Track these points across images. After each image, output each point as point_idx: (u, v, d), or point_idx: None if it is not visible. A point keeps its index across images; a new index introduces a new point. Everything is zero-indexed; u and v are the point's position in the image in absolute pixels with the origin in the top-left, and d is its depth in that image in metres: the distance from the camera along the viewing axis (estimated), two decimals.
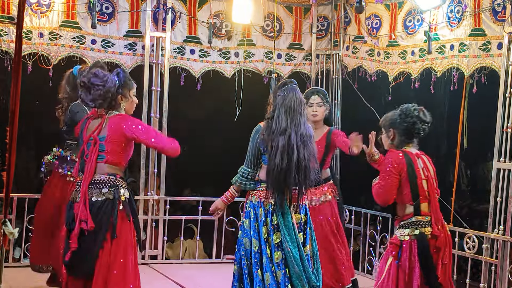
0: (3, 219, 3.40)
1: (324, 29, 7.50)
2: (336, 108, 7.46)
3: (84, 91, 3.85)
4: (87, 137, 3.87)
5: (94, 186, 3.81)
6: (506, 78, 5.45)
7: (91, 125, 3.92)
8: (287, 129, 4.09)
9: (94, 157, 3.81)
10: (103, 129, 3.85)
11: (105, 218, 3.76)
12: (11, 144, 2.98)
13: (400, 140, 4.03)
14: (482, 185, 8.39)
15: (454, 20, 5.92)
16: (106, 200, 3.79)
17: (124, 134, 3.84)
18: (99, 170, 3.84)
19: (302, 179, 4.13)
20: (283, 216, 4.14)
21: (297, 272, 4.09)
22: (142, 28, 6.67)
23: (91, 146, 3.82)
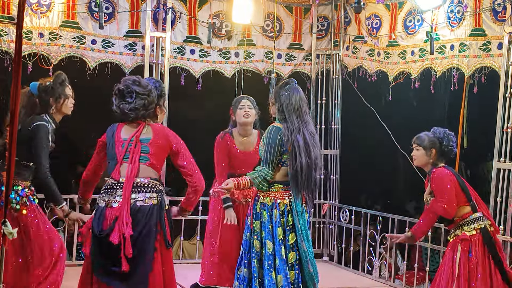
0: (3, 219, 3.40)
1: (324, 29, 7.50)
2: (336, 108, 7.46)
3: (121, 99, 3.59)
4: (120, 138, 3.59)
5: (138, 190, 3.51)
6: (506, 78, 5.45)
7: (126, 129, 3.65)
8: (300, 128, 4.13)
9: (137, 158, 3.53)
10: (146, 132, 3.61)
11: (152, 225, 3.46)
12: (11, 144, 2.98)
13: (439, 159, 4.58)
14: (482, 185, 8.39)
15: (454, 20, 5.92)
16: (153, 206, 3.51)
17: (170, 143, 3.63)
18: (141, 173, 3.54)
19: (317, 178, 4.20)
20: (301, 217, 4.16)
21: (311, 272, 4.12)
22: (142, 28, 6.67)
23: (132, 147, 3.54)
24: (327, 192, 7.50)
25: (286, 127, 4.17)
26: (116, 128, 3.67)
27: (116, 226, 3.39)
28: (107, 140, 3.68)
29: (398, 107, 7.27)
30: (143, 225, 3.44)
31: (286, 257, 4.11)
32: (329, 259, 7.41)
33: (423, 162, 4.58)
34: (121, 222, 3.38)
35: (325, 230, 7.51)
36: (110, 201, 3.52)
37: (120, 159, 3.56)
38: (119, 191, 3.50)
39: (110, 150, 3.63)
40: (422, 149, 4.55)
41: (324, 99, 7.45)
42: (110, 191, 3.54)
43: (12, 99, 2.86)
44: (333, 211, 7.41)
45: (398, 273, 6.94)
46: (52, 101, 4.29)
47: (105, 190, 3.59)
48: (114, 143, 3.61)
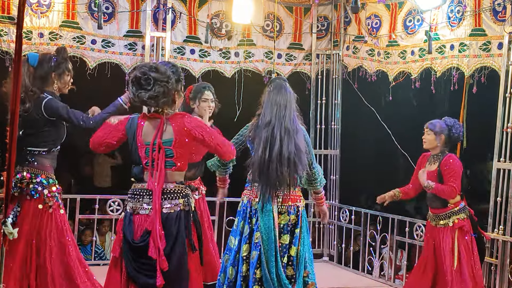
0: (3, 219, 3.40)
1: (324, 29, 7.50)
2: (336, 108, 7.46)
3: (138, 87, 3.40)
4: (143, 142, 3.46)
5: (165, 197, 3.41)
6: (506, 78, 5.45)
7: (146, 129, 3.48)
8: (271, 122, 4.08)
9: (163, 165, 3.40)
10: (166, 131, 3.45)
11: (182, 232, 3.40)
12: (11, 144, 2.98)
13: (446, 145, 5.08)
14: (482, 185, 8.39)
15: (454, 20, 5.92)
16: (181, 212, 3.44)
17: (192, 136, 3.46)
18: (167, 179, 3.44)
19: (285, 172, 4.04)
20: (263, 214, 4.08)
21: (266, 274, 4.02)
22: (142, 28, 6.67)
23: (156, 153, 3.39)
24: (327, 192, 7.50)
25: (255, 123, 4.17)
26: (136, 127, 3.50)
27: (151, 240, 3.32)
28: (129, 140, 3.53)
29: (398, 107, 7.27)
30: (174, 233, 3.38)
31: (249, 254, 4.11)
32: (329, 259, 7.41)
33: (433, 145, 5.05)
34: (155, 236, 3.31)
35: (325, 230, 7.51)
36: (137, 208, 3.43)
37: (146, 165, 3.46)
38: (146, 198, 3.42)
39: (133, 153, 3.52)
40: (433, 133, 5.03)
41: (324, 99, 7.45)
42: (137, 198, 3.45)
43: (12, 99, 2.86)
44: (333, 211, 7.41)
45: (398, 273, 6.94)
46: (55, 76, 4.09)
47: (132, 195, 3.50)
48: (137, 147, 3.48)
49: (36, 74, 4.02)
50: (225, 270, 4.20)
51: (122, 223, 3.52)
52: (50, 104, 3.97)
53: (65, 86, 4.18)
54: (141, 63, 3.64)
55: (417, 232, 6.17)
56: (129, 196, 3.52)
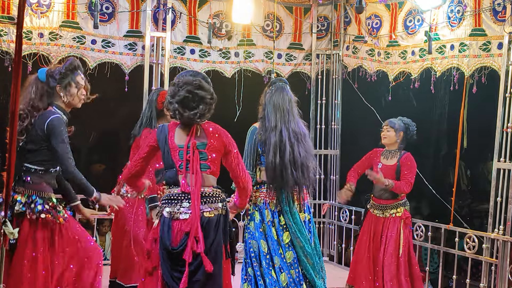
0: (3, 219, 3.40)
1: (324, 29, 7.50)
2: (336, 108, 7.46)
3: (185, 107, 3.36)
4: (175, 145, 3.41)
5: (204, 200, 3.37)
6: (506, 78, 5.45)
7: (179, 132, 3.45)
8: (277, 126, 4.10)
9: (198, 167, 3.34)
10: (200, 135, 3.43)
11: (221, 237, 3.36)
12: (11, 144, 2.98)
13: (403, 142, 5.45)
14: (482, 185, 8.39)
15: (454, 20, 5.92)
16: (220, 216, 3.39)
17: (224, 143, 3.46)
18: (204, 182, 3.39)
19: (300, 176, 4.12)
20: (291, 216, 4.16)
21: (311, 264, 4.13)
22: (142, 28, 6.67)
23: (190, 155, 3.35)
24: (327, 192, 7.50)
25: (262, 125, 4.18)
26: (167, 132, 3.45)
27: (188, 243, 3.27)
28: (160, 145, 3.45)
29: (398, 107, 7.25)
30: (214, 237, 3.34)
31: (284, 256, 4.12)
32: (329, 259, 7.40)
33: (392, 141, 5.42)
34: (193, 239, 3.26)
35: (325, 230, 7.51)
36: (175, 213, 3.37)
37: (180, 168, 3.40)
38: (184, 203, 3.36)
39: (166, 158, 3.44)
40: (393, 130, 5.41)
41: (324, 99, 7.45)
42: (174, 202, 3.38)
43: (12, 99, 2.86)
44: (333, 211, 7.41)
45: None
46: (60, 89, 3.89)
47: (167, 200, 3.42)
48: (170, 150, 3.41)
49: (43, 90, 3.86)
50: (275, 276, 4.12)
51: (157, 230, 3.44)
52: (54, 126, 3.75)
53: (74, 100, 3.94)
54: (184, 79, 3.47)
55: (417, 232, 6.17)
56: (164, 201, 3.44)
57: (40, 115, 3.79)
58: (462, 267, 6.60)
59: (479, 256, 5.62)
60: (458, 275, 6.03)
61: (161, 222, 3.39)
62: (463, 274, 6.40)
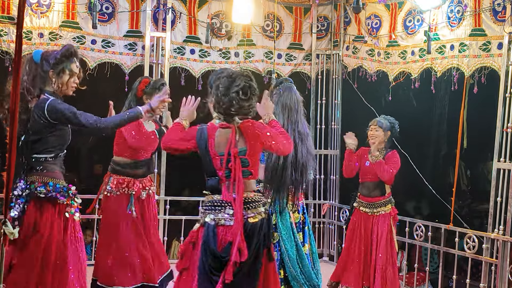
0: (3, 219, 3.40)
1: (324, 29, 7.50)
2: (336, 108, 7.46)
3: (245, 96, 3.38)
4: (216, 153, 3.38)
5: (247, 206, 3.38)
6: (506, 78, 5.45)
7: (218, 139, 3.41)
8: (284, 126, 4.11)
9: (240, 174, 3.34)
10: (239, 141, 3.40)
11: (262, 241, 3.36)
12: (11, 144, 2.98)
13: (389, 141, 5.57)
14: (482, 185, 8.39)
15: (454, 20, 5.92)
16: (263, 220, 3.41)
17: (262, 143, 3.45)
18: (246, 188, 3.40)
19: (299, 177, 4.12)
20: (281, 216, 4.14)
21: (292, 272, 4.09)
22: (142, 28, 6.67)
23: (232, 163, 3.33)
24: (327, 192, 7.50)
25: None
26: (207, 138, 3.42)
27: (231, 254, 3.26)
28: (200, 151, 3.44)
29: (398, 107, 7.25)
30: (256, 241, 3.34)
31: None
32: (329, 259, 7.40)
33: (380, 141, 5.47)
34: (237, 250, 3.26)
35: (325, 230, 7.51)
36: (219, 219, 3.37)
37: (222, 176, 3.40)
38: (228, 209, 3.36)
39: (207, 165, 3.43)
40: (381, 130, 5.46)
41: (324, 99, 7.45)
42: (217, 209, 3.38)
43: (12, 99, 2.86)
44: (333, 211, 7.41)
45: (399, 274, 6.93)
46: (52, 75, 3.75)
47: (210, 207, 3.42)
48: (211, 158, 3.39)
49: (36, 72, 3.73)
50: None
51: (196, 234, 3.46)
52: (54, 107, 3.64)
53: (63, 87, 3.81)
54: (228, 72, 3.47)
55: (417, 232, 6.18)
56: (207, 208, 3.44)
57: (36, 106, 3.69)
58: (462, 267, 6.59)
59: (479, 256, 5.62)
60: (458, 275, 6.03)
61: (205, 227, 3.39)
62: (463, 274, 6.40)
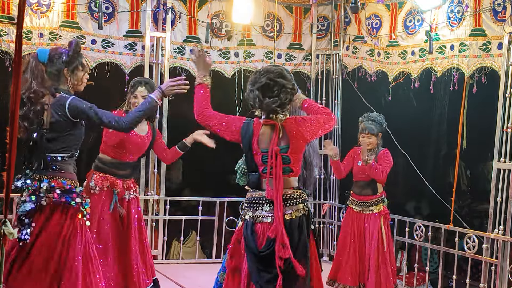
0: (3, 219, 3.39)
1: (324, 29, 7.50)
2: (336, 108, 7.46)
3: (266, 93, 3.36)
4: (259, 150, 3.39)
5: (286, 203, 3.37)
6: (506, 78, 5.45)
7: (262, 135, 3.41)
8: None
9: (280, 172, 3.34)
10: (282, 138, 3.40)
11: (304, 237, 3.37)
12: (11, 144, 2.97)
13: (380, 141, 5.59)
14: (482, 185, 8.38)
15: (454, 20, 5.92)
16: (302, 217, 3.40)
17: (306, 140, 3.45)
18: (285, 185, 3.38)
19: (308, 176, 4.14)
20: None
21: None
22: (142, 28, 6.67)
23: (273, 160, 3.33)
24: (327, 192, 7.50)
25: None
26: (251, 133, 3.42)
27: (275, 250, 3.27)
28: (244, 147, 3.45)
29: (398, 107, 7.26)
30: (298, 239, 3.34)
31: None
32: (329, 259, 7.40)
33: (375, 145, 5.52)
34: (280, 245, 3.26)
35: (325, 230, 7.51)
36: (257, 216, 3.38)
37: (263, 172, 3.40)
38: (265, 206, 3.37)
39: (249, 160, 3.45)
40: (374, 136, 5.49)
41: (324, 99, 7.45)
42: (256, 206, 3.40)
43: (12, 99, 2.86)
44: (333, 211, 7.41)
45: (399, 274, 6.93)
46: (67, 73, 3.64)
47: (249, 204, 3.45)
48: (253, 155, 3.41)
49: (47, 72, 3.60)
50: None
51: (239, 232, 3.48)
52: (75, 105, 3.54)
53: (79, 83, 3.73)
54: (261, 69, 3.48)
55: (417, 232, 6.18)
56: (246, 205, 3.46)
57: (54, 104, 3.55)
58: (462, 267, 6.59)
59: (479, 256, 5.62)
60: (458, 275, 6.03)
61: (244, 225, 3.41)
62: (463, 274, 6.39)
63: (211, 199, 7.22)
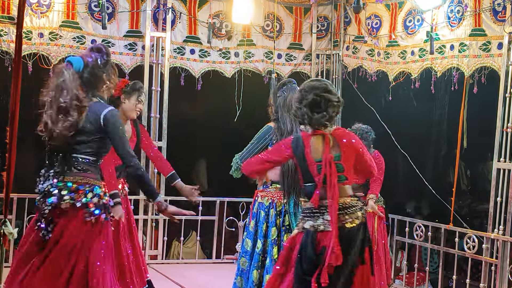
0: (3, 219, 3.39)
1: (324, 29, 7.50)
2: None
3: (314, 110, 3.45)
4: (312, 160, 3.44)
5: (344, 212, 3.41)
6: (506, 78, 5.45)
7: (314, 146, 3.47)
8: (293, 129, 4.12)
9: (335, 181, 3.39)
10: (333, 147, 3.46)
11: (359, 244, 3.38)
12: (11, 144, 2.98)
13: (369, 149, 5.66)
14: (482, 185, 8.38)
15: (454, 20, 5.92)
16: (361, 224, 3.44)
17: (356, 150, 3.51)
18: (341, 193, 3.43)
19: None
20: (295, 217, 4.16)
21: None
22: (142, 28, 6.67)
23: (328, 169, 3.39)
24: None
25: (277, 127, 4.18)
26: (303, 146, 3.49)
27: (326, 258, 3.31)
28: (298, 160, 3.51)
29: (398, 107, 7.26)
30: (355, 246, 3.38)
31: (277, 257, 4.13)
32: None
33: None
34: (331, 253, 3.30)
35: None
36: (318, 225, 3.41)
37: (319, 182, 3.45)
38: (326, 215, 3.41)
39: (304, 172, 3.49)
40: (367, 145, 5.47)
41: None
42: (316, 215, 3.43)
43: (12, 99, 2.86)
44: None
45: (399, 274, 6.94)
46: (106, 77, 3.55)
47: (309, 213, 3.47)
48: (307, 166, 3.47)
49: (83, 78, 3.48)
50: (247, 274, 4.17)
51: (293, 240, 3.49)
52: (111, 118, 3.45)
53: (111, 88, 3.66)
54: (306, 85, 3.54)
55: (417, 232, 6.18)
56: (306, 214, 3.48)
57: (93, 108, 3.45)
58: (462, 267, 6.59)
59: (479, 256, 5.62)
60: (458, 275, 6.03)
61: (304, 234, 3.44)
62: (463, 274, 6.40)
63: (211, 199, 7.22)
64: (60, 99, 3.34)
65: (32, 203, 6.51)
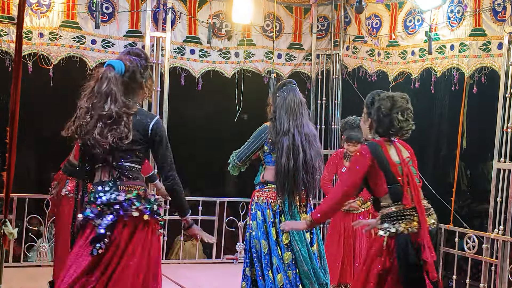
0: (3, 219, 3.40)
1: (324, 29, 7.50)
2: (336, 108, 7.46)
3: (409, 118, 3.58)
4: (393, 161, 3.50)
5: (428, 213, 3.53)
6: (506, 78, 5.45)
7: (391, 151, 3.56)
8: (290, 130, 4.12)
9: (415, 181, 3.52)
10: (403, 151, 3.59)
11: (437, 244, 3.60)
12: (11, 144, 2.98)
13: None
14: (482, 185, 8.39)
15: (454, 20, 5.92)
16: (437, 227, 3.63)
17: (415, 159, 3.66)
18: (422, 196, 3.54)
19: (310, 179, 4.17)
20: (291, 217, 4.17)
21: (305, 271, 4.14)
22: (142, 28, 6.67)
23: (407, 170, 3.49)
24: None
25: (273, 127, 4.18)
26: (383, 150, 3.54)
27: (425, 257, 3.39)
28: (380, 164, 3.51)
29: None
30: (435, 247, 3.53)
31: (282, 257, 4.13)
32: None
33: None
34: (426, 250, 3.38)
35: (325, 230, 7.50)
36: (412, 227, 3.44)
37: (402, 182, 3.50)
38: (415, 217, 3.44)
39: (387, 173, 3.51)
40: (358, 143, 5.39)
41: (324, 99, 7.45)
42: (408, 218, 3.45)
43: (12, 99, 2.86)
44: None
45: None
46: (145, 83, 3.42)
47: (401, 216, 3.47)
48: (391, 167, 3.50)
49: (126, 84, 3.32)
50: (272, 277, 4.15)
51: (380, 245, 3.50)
52: (161, 128, 3.39)
53: (149, 94, 3.54)
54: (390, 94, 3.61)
55: None
56: (396, 218, 3.47)
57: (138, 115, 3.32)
58: (462, 267, 6.59)
59: (479, 256, 5.62)
60: (458, 275, 6.03)
61: (398, 238, 3.45)
62: (463, 274, 6.40)
63: (211, 199, 7.22)
64: (105, 106, 3.18)
65: (32, 203, 6.52)
